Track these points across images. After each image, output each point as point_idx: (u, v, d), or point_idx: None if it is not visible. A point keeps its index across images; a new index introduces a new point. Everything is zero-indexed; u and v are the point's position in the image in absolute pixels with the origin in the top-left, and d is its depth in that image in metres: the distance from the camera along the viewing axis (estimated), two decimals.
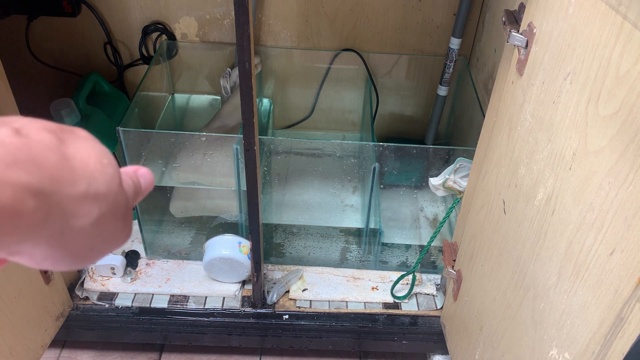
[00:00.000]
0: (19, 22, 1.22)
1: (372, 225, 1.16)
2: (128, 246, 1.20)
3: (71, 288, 1.10)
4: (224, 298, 1.12)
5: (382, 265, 1.18)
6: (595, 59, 0.52)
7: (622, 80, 0.47)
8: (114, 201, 0.27)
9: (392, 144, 1.03)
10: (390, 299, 1.13)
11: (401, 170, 1.09)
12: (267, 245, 1.20)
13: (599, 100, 0.51)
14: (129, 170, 0.31)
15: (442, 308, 1.11)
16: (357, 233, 1.23)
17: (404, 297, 1.13)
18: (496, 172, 0.78)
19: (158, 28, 1.28)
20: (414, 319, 1.11)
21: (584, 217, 0.53)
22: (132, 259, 1.16)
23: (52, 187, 0.24)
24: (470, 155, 0.94)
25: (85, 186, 0.25)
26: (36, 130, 0.25)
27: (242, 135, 0.85)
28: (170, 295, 1.12)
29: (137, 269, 1.15)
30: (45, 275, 0.96)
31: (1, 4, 1.14)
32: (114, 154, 1.09)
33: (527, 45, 0.68)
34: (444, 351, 1.07)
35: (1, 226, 0.22)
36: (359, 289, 1.14)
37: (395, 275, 1.15)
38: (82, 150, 0.26)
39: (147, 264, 1.17)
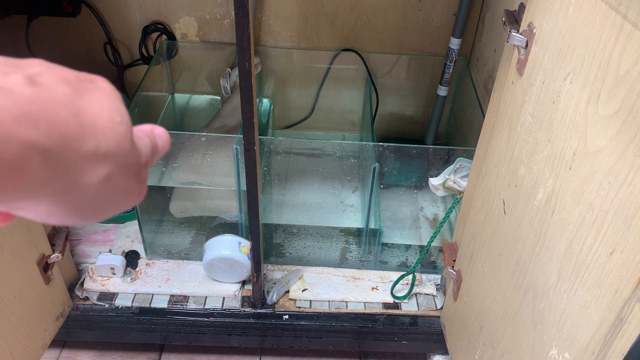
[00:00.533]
0: (19, 22, 1.23)
1: (372, 225, 1.16)
2: (128, 246, 1.20)
3: (71, 288, 1.10)
4: (224, 298, 1.12)
5: (382, 265, 1.18)
6: (595, 59, 0.52)
7: (622, 80, 0.47)
8: (125, 160, 0.26)
9: (392, 144, 1.03)
10: (390, 299, 1.13)
11: (401, 170, 1.09)
12: (267, 245, 1.20)
13: (599, 100, 0.51)
14: (145, 128, 0.30)
15: (442, 308, 1.11)
16: (357, 233, 1.23)
17: (404, 297, 1.13)
18: (496, 172, 0.78)
19: (158, 28, 1.28)
20: (414, 319, 1.11)
21: (584, 217, 0.53)
22: (132, 259, 1.16)
23: (60, 145, 0.22)
24: (470, 155, 0.94)
25: (95, 144, 0.24)
26: (52, 80, 0.23)
27: (242, 135, 0.85)
28: (170, 295, 1.12)
29: (137, 269, 1.15)
30: (45, 275, 0.96)
31: (1, 4, 1.14)
32: None
33: (527, 45, 0.68)
34: (444, 351, 1.07)
35: (3, 182, 0.21)
36: (359, 289, 1.14)
37: (395, 275, 1.15)
38: (96, 105, 0.25)
39: (147, 264, 1.17)
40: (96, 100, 0.25)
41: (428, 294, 1.14)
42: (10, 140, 0.21)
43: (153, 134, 0.31)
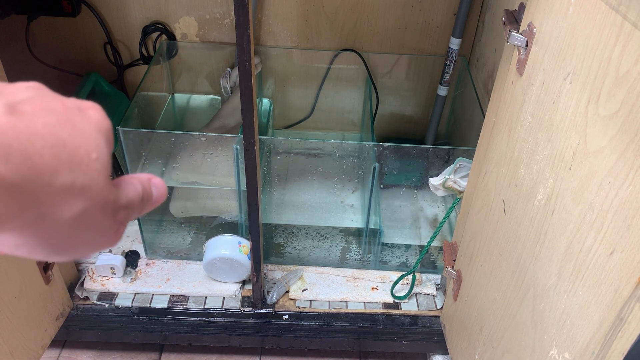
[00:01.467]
0: (19, 22, 1.22)
1: (372, 225, 1.16)
2: (128, 246, 1.20)
3: (71, 288, 1.10)
4: (224, 298, 1.12)
5: (382, 265, 1.18)
6: (595, 59, 0.52)
7: (622, 80, 0.47)
8: (99, 197, 0.25)
9: (392, 144, 1.03)
10: (390, 299, 1.13)
11: (401, 170, 1.09)
12: (267, 245, 1.20)
13: (598, 100, 0.51)
14: (142, 177, 0.30)
15: (442, 308, 1.11)
16: (357, 233, 1.23)
17: (404, 297, 1.13)
18: (496, 172, 0.78)
19: (158, 28, 1.28)
20: (414, 319, 1.11)
21: (584, 217, 0.53)
22: (132, 259, 1.16)
23: (30, 178, 0.21)
24: (470, 155, 0.94)
25: (70, 178, 0.23)
26: (34, 109, 0.23)
27: (242, 135, 0.85)
28: (170, 295, 1.12)
29: (137, 269, 1.15)
30: (45, 275, 0.96)
31: (1, 4, 1.14)
32: (114, 154, 1.10)
33: (527, 45, 0.68)
34: (444, 351, 1.07)
35: None
36: (359, 289, 1.14)
37: (395, 275, 1.15)
38: (76, 137, 0.24)
39: (147, 264, 1.17)
40: (77, 133, 0.24)
41: (428, 294, 1.14)
42: None
43: (149, 182, 0.30)
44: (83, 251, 0.27)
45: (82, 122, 0.25)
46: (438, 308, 1.12)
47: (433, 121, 1.34)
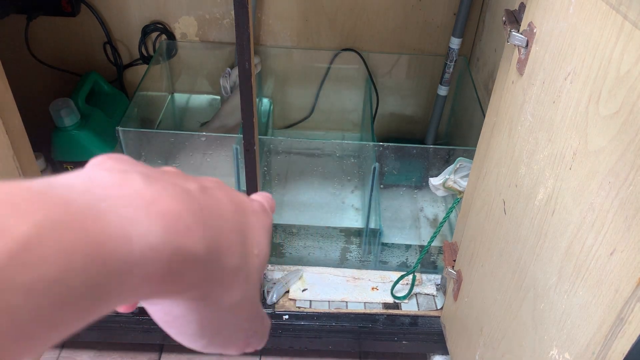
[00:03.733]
0: (19, 22, 1.22)
1: (372, 225, 1.16)
2: None
3: None
4: None
5: (382, 265, 1.18)
6: (596, 59, 0.52)
7: (623, 80, 0.47)
8: (251, 292, 0.26)
9: (392, 144, 1.02)
10: (390, 299, 1.13)
11: (401, 170, 1.09)
12: None
13: (599, 100, 0.51)
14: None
15: (442, 308, 1.11)
16: (357, 233, 1.23)
17: (404, 297, 1.13)
18: (496, 172, 0.78)
19: (157, 28, 1.28)
20: (414, 319, 1.11)
21: (584, 217, 0.53)
22: None
23: (215, 255, 0.23)
24: (470, 155, 0.94)
25: (238, 263, 0.25)
26: (220, 194, 0.25)
27: (242, 135, 0.84)
28: None
29: None
30: None
31: (1, 4, 1.14)
32: None
33: (527, 45, 0.67)
34: (444, 351, 1.07)
35: (159, 288, 0.21)
36: (359, 289, 1.14)
37: (395, 275, 1.15)
38: (246, 230, 0.26)
39: None
40: (248, 225, 0.26)
41: (428, 294, 1.14)
42: (179, 252, 0.21)
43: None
44: (219, 346, 0.28)
45: (252, 217, 0.27)
46: (438, 308, 1.12)
47: (433, 121, 1.34)
